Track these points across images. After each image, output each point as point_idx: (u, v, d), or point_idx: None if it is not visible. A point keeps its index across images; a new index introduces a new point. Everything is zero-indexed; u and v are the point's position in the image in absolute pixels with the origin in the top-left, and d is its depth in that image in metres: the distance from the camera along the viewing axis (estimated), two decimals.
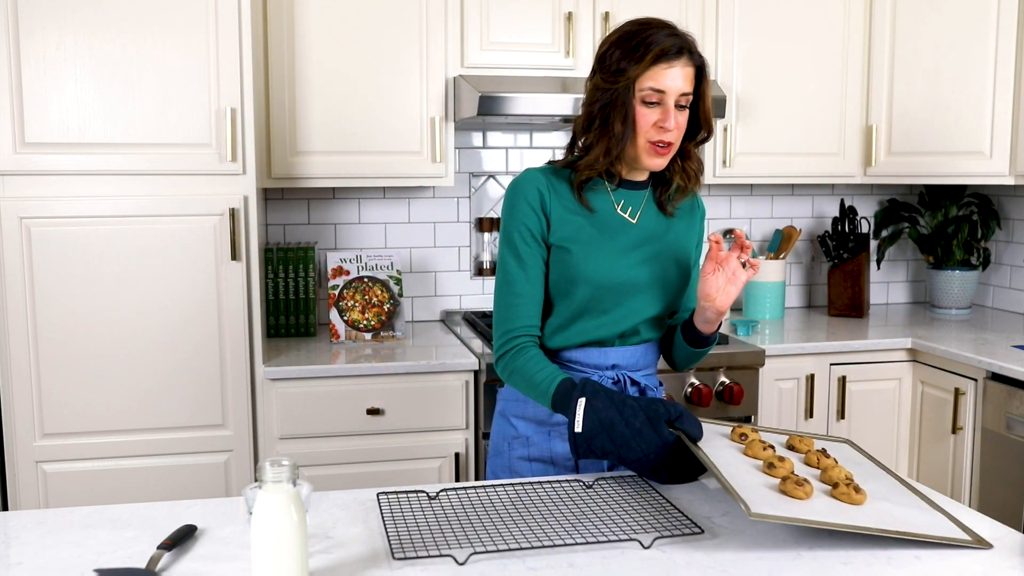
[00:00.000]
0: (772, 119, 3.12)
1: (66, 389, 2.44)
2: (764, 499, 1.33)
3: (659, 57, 1.61)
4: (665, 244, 1.74)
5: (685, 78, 1.62)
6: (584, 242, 1.69)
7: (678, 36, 1.63)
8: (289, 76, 2.75)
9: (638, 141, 1.65)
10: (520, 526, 1.38)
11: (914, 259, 3.71)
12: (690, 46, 1.63)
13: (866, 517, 1.33)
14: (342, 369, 2.60)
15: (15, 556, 1.31)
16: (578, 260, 1.68)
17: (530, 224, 1.69)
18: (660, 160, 1.67)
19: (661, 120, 1.62)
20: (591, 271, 1.68)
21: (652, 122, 1.63)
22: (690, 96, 1.64)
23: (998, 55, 3.02)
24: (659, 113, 1.62)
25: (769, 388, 2.87)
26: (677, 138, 1.66)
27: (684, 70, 1.62)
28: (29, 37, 2.34)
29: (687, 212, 1.80)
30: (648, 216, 1.74)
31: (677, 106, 1.63)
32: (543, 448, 1.74)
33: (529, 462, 1.74)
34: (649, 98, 1.62)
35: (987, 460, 2.69)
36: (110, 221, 2.43)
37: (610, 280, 1.68)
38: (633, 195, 1.74)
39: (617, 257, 1.70)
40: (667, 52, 1.61)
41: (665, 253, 1.74)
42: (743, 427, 1.61)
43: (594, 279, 1.68)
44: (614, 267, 1.69)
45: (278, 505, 1.15)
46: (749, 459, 1.52)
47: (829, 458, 1.53)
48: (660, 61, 1.61)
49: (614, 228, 1.71)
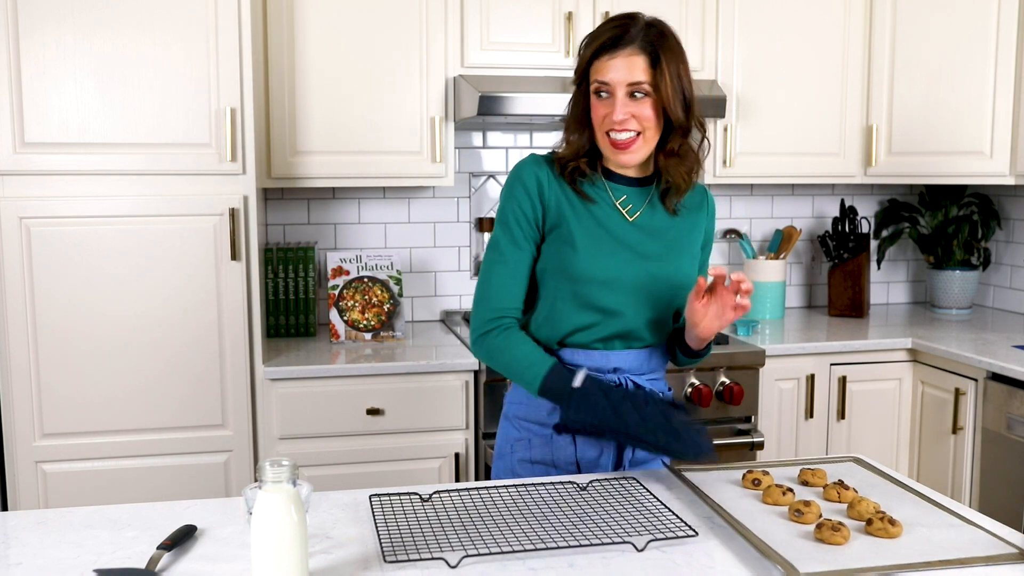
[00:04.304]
0: (772, 119, 3.12)
1: (66, 389, 2.44)
2: (805, 553, 1.29)
3: (599, 50, 1.61)
4: (665, 243, 1.71)
5: (631, 68, 1.59)
6: (578, 234, 1.67)
7: (623, 27, 1.60)
8: (289, 76, 2.75)
9: (598, 135, 1.66)
10: (513, 528, 1.37)
11: (914, 259, 3.71)
12: (638, 35, 1.59)
13: (910, 550, 1.31)
14: (342, 369, 2.59)
15: (15, 556, 1.31)
16: (569, 251, 1.67)
17: (525, 209, 1.69)
18: (624, 155, 1.64)
19: (610, 112, 1.61)
20: (580, 264, 1.67)
21: (603, 115, 1.63)
22: (645, 86, 1.60)
23: (998, 55, 3.01)
24: (609, 105, 1.62)
25: (769, 388, 2.87)
26: (643, 127, 1.62)
27: (629, 59, 1.59)
28: (29, 37, 2.34)
29: (694, 209, 1.76)
30: (649, 214, 1.71)
31: (632, 96, 1.60)
32: (544, 451, 1.72)
33: (531, 464, 1.74)
34: (599, 91, 1.63)
35: (987, 460, 2.69)
36: (110, 221, 2.43)
37: (599, 274, 1.67)
38: (635, 192, 1.71)
39: (609, 253, 1.68)
40: (605, 44, 1.60)
41: (663, 252, 1.70)
42: (754, 471, 1.58)
43: (583, 272, 1.67)
44: (604, 262, 1.67)
45: (278, 505, 1.14)
46: (770, 507, 1.48)
47: (849, 489, 1.50)
48: (601, 53, 1.61)
49: (610, 224, 1.69)
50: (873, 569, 1.25)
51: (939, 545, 1.33)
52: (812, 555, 1.29)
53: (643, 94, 1.61)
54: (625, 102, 1.60)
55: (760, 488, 1.55)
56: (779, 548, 1.30)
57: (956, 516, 1.44)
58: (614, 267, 1.67)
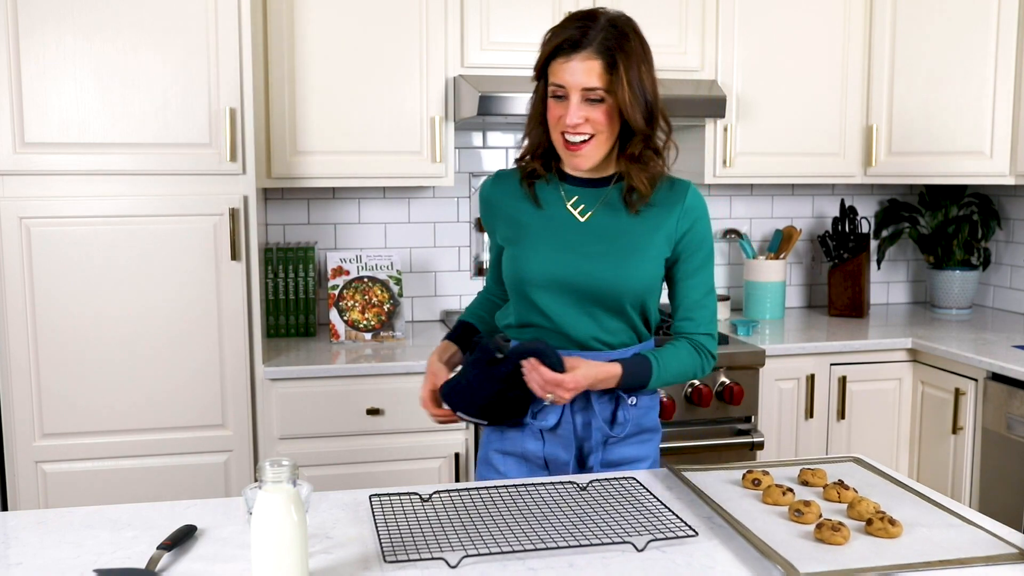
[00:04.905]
0: (772, 119, 3.12)
1: (66, 389, 2.44)
2: (805, 553, 1.29)
3: (555, 51, 1.59)
4: (617, 244, 1.66)
5: (586, 72, 1.56)
6: (524, 240, 1.70)
7: (583, 29, 1.57)
8: (289, 76, 2.75)
9: (553, 136, 1.65)
10: (513, 528, 1.37)
11: (914, 259, 3.71)
12: (596, 38, 1.56)
13: (910, 550, 1.31)
14: (342, 369, 2.59)
15: (15, 556, 1.31)
16: (512, 254, 1.71)
17: (487, 227, 1.81)
18: (577, 159, 1.63)
19: (564, 115, 1.59)
20: (517, 266, 1.70)
21: (557, 116, 1.61)
22: (600, 91, 1.57)
23: (998, 55, 3.02)
24: (564, 107, 1.60)
25: (769, 388, 2.87)
26: (597, 131, 1.60)
27: (584, 64, 1.56)
28: (29, 37, 2.34)
29: (663, 208, 1.68)
30: (604, 214, 1.68)
31: (588, 101, 1.58)
32: (516, 443, 1.74)
33: (503, 456, 1.76)
34: (555, 93, 1.61)
35: (987, 460, 2.69)
36: (110, 221, 2.43)
37: (535, 277, 1.67)
38: (588, 192, 1.69)
39: (547, 256, 1.67)
40: (561, 46, 1.58)
41: (613, 253, 1.65)
42: (754, 471, 1.58)
43: (518, 274, 1.69)
44: (541, 265, 1.67)
45: (278, 505, 1.14)
46: (770, 507, 1.48)
47: (849, 489, 1.50)
48: (558, 55, 1.59)
49: (558, 226, 1.68)
50: (873, 569, 1.25)
51: (939, 545, 1.33)
52: (812, 555, 1.29)
53: (598, 99, 1.58)
54: (579, 106, 1.58)
55: (760, 488, 1.55)
56: (779, 548, 1.30)
57: (956, 516, 1.44)
58: (551, 270, 1.66)
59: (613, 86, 1.57)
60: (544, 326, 1.69)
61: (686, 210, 1.68)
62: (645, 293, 1.68)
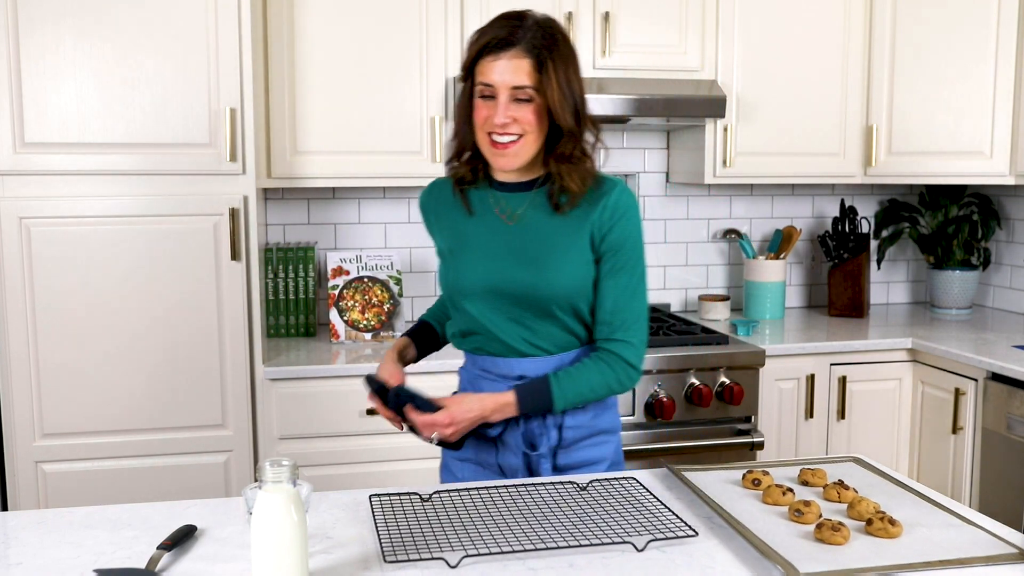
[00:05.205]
0: (772, 119, 3.12)
1: (66, 389, 2.44)
2: (805, 553, 1.29)
3: (483, 49, 1.57)
4: (544, 247, 1.63)
5: (515, 71, 1.55)
6: (458, 250, 1.69)
7: (511, 28, 1.56)
8: (289, 76, 2.75)
9: (478, 137, 1.62)
10: (513, 528, 1.37)
11: (914, 259, 3.71)
12: (525, 37, 1.55)
13: (910, 550, 1.31)
14: (342, 369, 2.59)
15: (15, 556, 1.31)
16: (449, 268, 1.71)
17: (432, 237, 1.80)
18: (503, 160, 1.60)
19: (492, 114, 1.57)
20: (448, 276, 1.71)
21: (484, 116, 1.59)
22: (529, 90, 1.56)
23: (998, 55, 3.02)
24: (492, 107, 1.58)
25: (769, 388, 2.87)
26: (524, 131, 1.58)
27: (513, 62, 1.55)
28: (29, 37, 2.34)
29: (588, 206, 1.63)
30: (530, 217, 1.65)
31: (516, 100, 1.57)
32: (471, 451, 1.74)
33: (461, 462, 1.77)
34: (483, 92, 1.59)
35: (987, 460, 2.69)
36: (110, 221, 2.43)
37: (465, 285, 1.67)
38: (515, 197, 1.67)
39: (476, 263, 1.66)
40: (489, 44, 1.56)
41: (541, 257, 1.62)
42: (754, 471, 1.58)
43: (450, 284, 1.70)
44: (469, 273, 1.66)
45: (278, 505, 1.14)
46: (770, 507, 1.48)
47: (849, 489, 1.50)
48: (486, 53, 1.57)
49: (488, 232, 1.67)
50: (873, 569, 1.25)
51: (939, 545, 1.33)
52: (812, 555, 1.29)
53: (527, 98, 1.57)
54: (508, 105, 1.57)
55: (760, 488, 1.55)
56: (779, 548, 1.30)
57: (956, 516, 1.44)
58: (481, 278, 1.65)
59: (542, 85, 1.56)
60: (481, 333, 1.69)
61: (609, 209, 1.62)
62: (573, 296, 1.63)
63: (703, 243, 3.51)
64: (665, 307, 3.45)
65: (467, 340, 1.74)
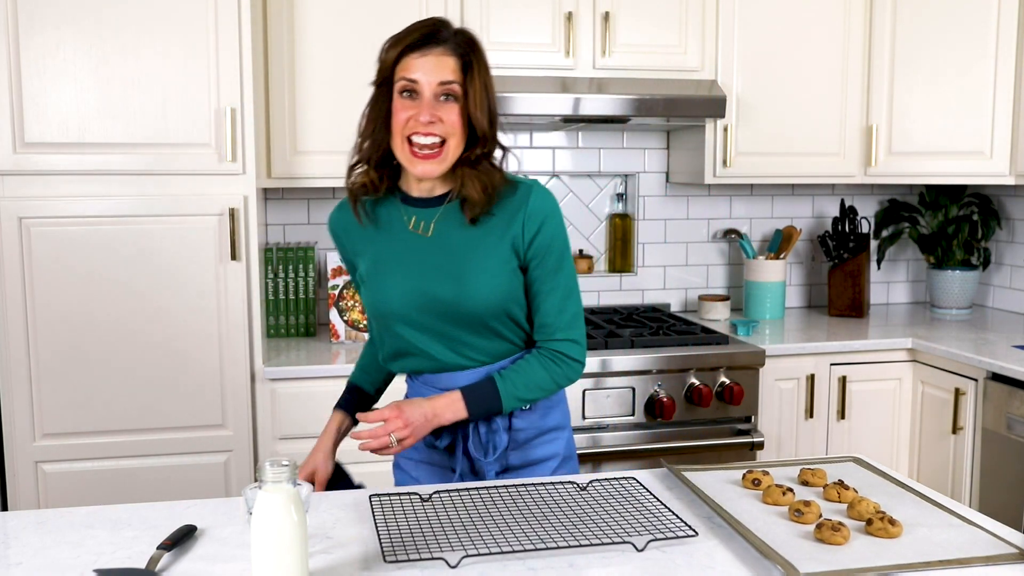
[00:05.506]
0: (772, 119, 3.12)
1: (65, 389, 2.44)
2: (805, 553, 1.29)
3: (410, 45, 1.55)
4: (464, 260, 1.60)
5: (442, 67, 1.54)
6: (377, 271, 1.64)
7: (434, 29, 1.56)
8: (289, 76, 2.75)
9: (395, 141, 1.57)
10: (513, 528, 1.37)
11: (914, 259, 3.71)
12: (450, 37, 1.55)
13: (910, 550, 1.31)
14: (342, 369, 2.59)
15: (15, 556, 1.31)
16: (370, 291, 1.65)
17: (346, 265, 1.74)
18: (422, 166, 1.55)
19: (416, 113, 1.53)
20: (377, 301, 1.64)
21: (406, 118, 1.54)
22: (456, 85, 1.54)
23: (998, 55, 3.02)
24: (415, 106, 1.54)
25: (769, 388, 2.87)
26: (447, 134, 1.54)
27: (441, 59, 1.54)
28: (29, 37, 2.34)
29: (505, 214, 1.60)
30: (446, 231, 1.61)
31: (439, 97, 1.54)
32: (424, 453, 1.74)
33: (416, 463, 1.76)
34: (407, 88, 1.54)
35: (987, 460, 2.69)
36: (110, 221, 2.43)
37: (397, 307, 1.62)
38: (428, 212, 1.63)
39: (405, 281, 1.61)
40: (416, 42, 1.54)
41: (464, 269, 1.59)
42: (754, 471, 1.58)
43: (374, 306, 1.65)
44: (401, 293, 1.61)
45: (278, 505, 1.14)
46: (770, 507, 1.48)
47: (849, 489, 1.50)
48: (413, 50, 1.55)
49: (404, 249, 1.62)
50: (873, 569, 1.25)
51: (939, 545, 1.33)
52: (812, 555, 1.29)
53: (452, 96, 1.55)
54: (432, 103, 1.54)
55: (760, 488, 1.55)
56: (779, 548, 1.30)
57: (956, 516, 1.44)
58: (405, 298, 1.61)
59: (467, 85, 1.55)
60: (415, 354, 1.66)
61: (530, 214, 1.60)
62: (505, 304, 1.61)
63: (703, 243, 3.51)
64: (665, 307, 3.45)
65: (400, 362, 1.70)
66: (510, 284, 1.61)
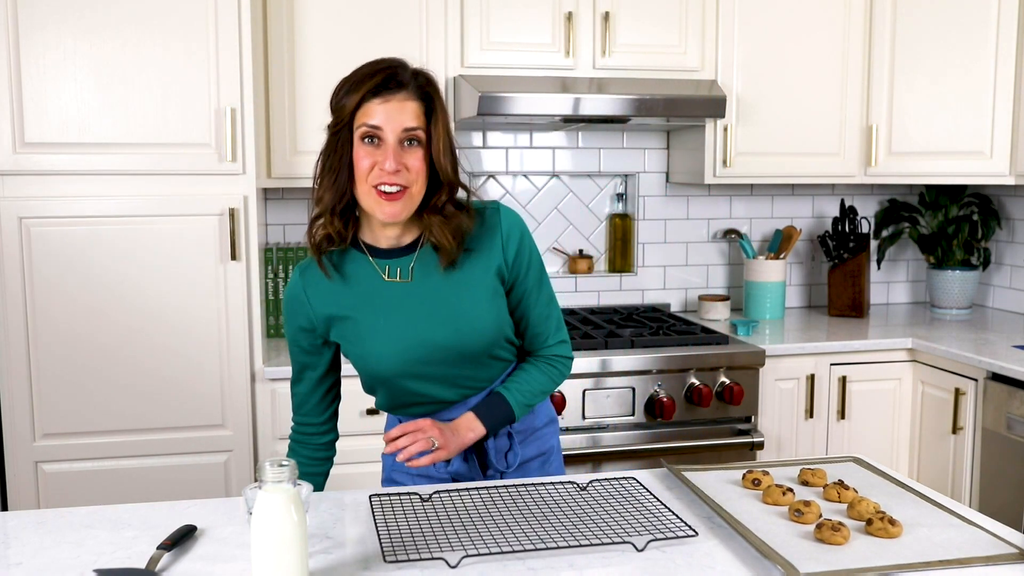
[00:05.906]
0: (772, 119, 3.12)
1: (65, 389, 2.44)
2: (805, 553, 1.29)
3: (372, 90, 1.48)
4: (455, 301, 1.58)
5: (406, 112, 1.48)
6: (356, 330, 1.58)
7: (394, 72, 1.50)
8: (289, 76, 2.75)
9: (360, 188, 1.51)
10: (513, 528, 1.37)
11: (914, 259, 3.71)
12: (410, 81, 1.50)
13: (910, 550, 1.31)
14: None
15: (15, 556, 1.31)
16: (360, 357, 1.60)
17: (300, 341, 1.65)
18: (390, 207, 1.49)
19: (380, 160, 1.48)
20: (372, 366, 1.59)
21: (370, 165, 1.49)
22: (419, 131, 1.50)
23: (998, 55, 3.02)
24: (379, 153, 1.49)
25: (769, 388, 2.87)
26: (411, 181, 1.50)
27: (404, 104, 1.48)
28: (29, 37, 2.34)
29: (485, 246, 1.60)
30: (427, 273, 1.58)
31: (403, 143, 1.49)
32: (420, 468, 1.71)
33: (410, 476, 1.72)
34: (369, 133, 1.49)
35: (987, 460, 2.69)
36: (110, 221, 2.43)
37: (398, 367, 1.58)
38: (398, 261, 1.59)
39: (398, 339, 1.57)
40: (378, 87, 1.48)
41: (458, 311, 1.57)
42: (754, 471, 1.58)
43: (380, 372, 1.59)
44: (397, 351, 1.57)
45: (278, 505, 1.14)
46: (770, 507, 1.48)
47: (849, 489, 1.50)
48: (375, 95, 1.48)
49: (388, 301, 1.58)
50: (873, 569, 1.25)
51: (939, 545, 1.33)
52: (812, 555, 1.29)
53: (416, 142, 1.50)
54: (396, 150, 1.48)
55: (760, 488, 1.55)
56: (779, 548, 1.30)
57: (956, 516, 1.44)
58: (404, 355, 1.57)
59: (430, 129, 1.51)
60: (417, 402, 1.64)
61: (507, 236, 1.61)
62: (502, 331, 1.62)
63: (703, 243, 3.51)
64: (665, 307, 3.45)
65: (403, 410, 1.68)
66: (500, 310, 1.62)
